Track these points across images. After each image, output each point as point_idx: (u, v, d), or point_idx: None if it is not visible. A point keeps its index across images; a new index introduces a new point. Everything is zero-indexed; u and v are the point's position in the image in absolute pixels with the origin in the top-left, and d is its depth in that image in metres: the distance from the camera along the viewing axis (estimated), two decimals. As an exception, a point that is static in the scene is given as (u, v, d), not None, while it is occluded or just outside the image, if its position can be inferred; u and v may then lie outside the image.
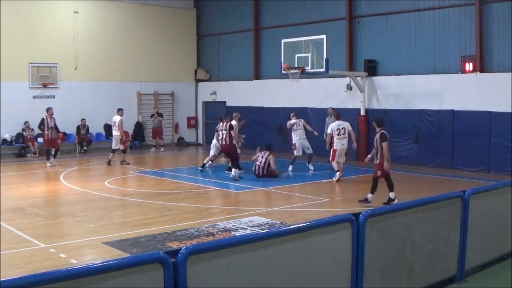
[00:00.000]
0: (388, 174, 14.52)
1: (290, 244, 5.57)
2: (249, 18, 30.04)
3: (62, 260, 9.88)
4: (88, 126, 28.90)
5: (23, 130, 26.89)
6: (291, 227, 6.31)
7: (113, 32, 30.20)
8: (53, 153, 22.89)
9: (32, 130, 26.72)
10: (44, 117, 22.68)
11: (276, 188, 17.32)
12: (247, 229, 11.99)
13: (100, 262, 4.27)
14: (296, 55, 22.53)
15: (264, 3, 29.50)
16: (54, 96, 28.12)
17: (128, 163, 23.28)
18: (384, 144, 14.25)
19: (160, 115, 30.47)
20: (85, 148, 28.47)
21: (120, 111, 23.46)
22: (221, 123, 19.55)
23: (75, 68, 28.78)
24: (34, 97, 27.53)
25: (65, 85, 28.41)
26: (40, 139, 25.77)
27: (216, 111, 31.87)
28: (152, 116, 30.64)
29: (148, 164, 24.85)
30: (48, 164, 22.29)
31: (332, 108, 23.10)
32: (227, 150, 19.55)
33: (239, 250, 5.01)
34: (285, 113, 27.13)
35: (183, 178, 19.98)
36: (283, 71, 22.77)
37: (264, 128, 27.85)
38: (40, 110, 25.38)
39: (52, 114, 22.87)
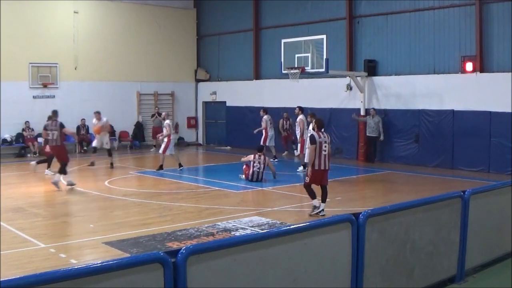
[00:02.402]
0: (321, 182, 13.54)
1: (290, 244, 5.57)
2: (249, 18, 30.04)
3: (62, 260, 9.88)
4: (88, 126, 28.87)
5: (23, 130, 26.89)
6: (291, 227, 6.31)
7: (113, 32, 30.20)
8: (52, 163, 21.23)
9: (32, 130, 26.74)
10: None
11: (276, 188, 17.32)
12: (247, 229, 11.99)
13: (100, 262, 4.27)
14: (296, 55, 22.53)
15: (264, 3, 29.50)
16: (54, 96, 28.13)
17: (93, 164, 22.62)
18: (311, 148, 13.17)
19: (160, 115, 30.38)
20: (85, 148, 28.47)
21: (97, 114, 22.76)
22: (50, 121, 18.12)
23: (75, 68, 28.79)
24: (34, 97, 27.53)
25: (65, 85, 28.41)
26: (40, 139, 25.73)
27: (217, 111, 31.94)
28: (152, 116, 30.64)
29: (148, 164, 24.83)
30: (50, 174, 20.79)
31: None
32: (57, 152, 18.04)
33: (239, 250, 5.01)
34: (285, 113, 27.20)
35: (183, 178, 19.98)
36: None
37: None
38: (40, 110, 25.43)
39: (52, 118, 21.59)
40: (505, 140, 20.05)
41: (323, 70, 21.87)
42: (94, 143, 23.11)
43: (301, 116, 21.09)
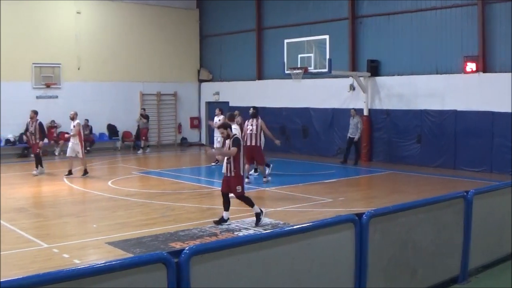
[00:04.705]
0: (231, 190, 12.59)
1: (293, 244, 5.58)
2: (252, 18, 30.06)
3: (65, 260, 9.90)
4: (91, 127, 28.94)
5: (25, 130, 26.90)
6: (294, 227, 6.32)
7: (116, 32, 30.24)
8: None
9: (45, 130, 26.76)
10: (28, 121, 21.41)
11: (279, 189, 17.32)
12: (250, 229, 12.00)
13: (103, 262, 4.28)
14: (299, 55, 22.54)
15: (267, 4, 29.50)
16: (57, 97, 28.20)
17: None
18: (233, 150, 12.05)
19: (146, 117, 30.01)
20: (88, 148, 28.48)
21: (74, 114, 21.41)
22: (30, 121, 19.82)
23: (78, 69, 28.83)
24: (37, 97, 27.57)
25: (68, 85, 28.45)
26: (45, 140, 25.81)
27: (223, 113, 31.90)
28: (139, 117, 30.12)
29: (151, 164, 24.86)
30: (34, 172, 20.65)
31: (355, 109, 23.24)
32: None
33: (242, 250, 5.02)
34: (287, 113, 27.23)
35: (186, 178, 19.99)
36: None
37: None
38: (43, 110, 25.45)
39: (33, 118, 21.10)
40: (507, 140, 20.02)
41: (326, 70, 21.86)
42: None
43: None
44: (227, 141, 12.27)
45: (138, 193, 16.81)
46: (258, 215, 12.44)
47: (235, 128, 15.34)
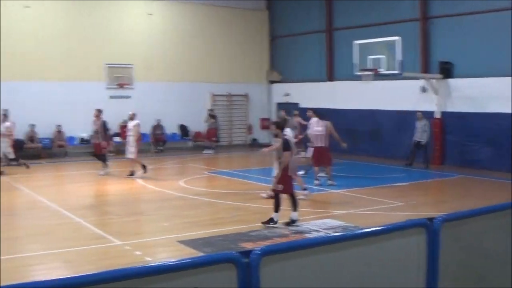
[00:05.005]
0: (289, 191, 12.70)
1: (363, 248, 5.55)
2: (322, 19, 29.94)
3: (137, 257, 10.10)
4: (163, 126, 29.41)
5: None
6: (364, 230, 6.27)
7: (187, 34, 30.65)
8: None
9: (108, 129, 27.32)
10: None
11: (348, 191, 17.19)
12: (320, 231, 11.99)
13: (174, 260, 4.36)
14: (369, 57, 22.35)
15: (337, 4, 29.33)
16: (129, 97, 28.79)
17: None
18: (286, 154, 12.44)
19: (213, 117, 30.16)
20: (160, 147, 28.99)
21: (4, 116, 21.79)
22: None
23: (150, 69, 29.34)
24: (110, 97, 28.23)
25: (140, 85, 29.01)
26: (116, 139, 26.44)
27: (289, 113, 31.88)
28: (206, 117, 30.27)
29: (221, 164, 25.08)
30: (101, 173, 20.90)
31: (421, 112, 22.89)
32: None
33: (312, 252, 5.02)
34: (356, 115, 27.01)
35: (255, 179, 20.06)
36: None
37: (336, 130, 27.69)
38: (116, 110, 26.08)
39: (97, 117, 21.45)
40: None
41: (397, 72, 21.60)
42: None
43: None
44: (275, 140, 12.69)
45: (208, 192, 16.98)
46: (272, 220, 12.36)
47: (289, 131, 15.35)
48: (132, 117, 20.39)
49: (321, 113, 18.91)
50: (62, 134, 27.11)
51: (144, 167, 20.15)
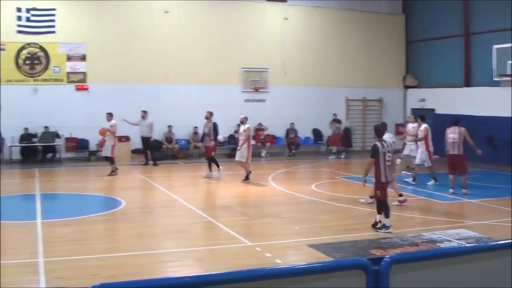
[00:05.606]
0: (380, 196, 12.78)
1: (496, 261, 5.32)
2: (459, 23, 28.97)
3: (268, 259, 10.19)
4: (296, 130, 29.59)
5: (235, 132, 28.07)
6: (499, 242, 6.03)
7: (321, 38, 30.70)
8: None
9: (219, 132, 27.73)
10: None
11: (484, 201, 16.47)
12: (453, 241, 11.62)
13: (303, 264, 4.36)
14: (508, 62, 21.43)
15: (475, 8, 28.25)
16: (264, 100, 29.24)
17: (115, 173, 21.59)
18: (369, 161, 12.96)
19: (338, 121, 29.81)
20: (293, 151, 29.17)
21: (109, 115, 21.77)
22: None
23: (285, 73, 29.62)
24: (245, 100, 28.83)
25: (275, 89, 29.36)
26: (253, 142, 26.91)
27: (425, 119, 31.13)
28: (331, 122, 29.95)
29: (354, 169, 24.85)
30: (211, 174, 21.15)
31: None
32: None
33: (443, 263, 4.88)
34: (496, 122, 25.81)
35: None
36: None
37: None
38: (251, 113, 26.49)
39: (208, 118, 21.59)
40: None
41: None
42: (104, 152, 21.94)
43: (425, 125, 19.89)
44: None
45: (340, 197, 16.87)
46: (384, 226, 12.43)
47: (389, 137, 15.10)
48: (243, 121, 20.37)
49: (457, 119, 18.31)
50: (198, 136, 27.84)
51: (248, 173, 19.99)
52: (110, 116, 21.52)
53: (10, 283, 8.71)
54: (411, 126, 21.04)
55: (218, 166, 21.06)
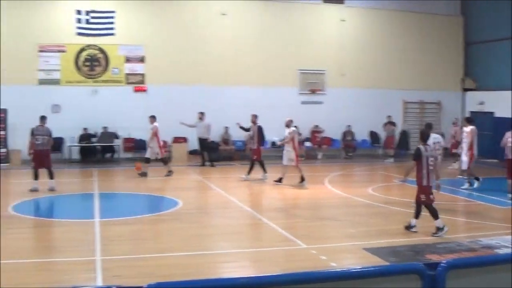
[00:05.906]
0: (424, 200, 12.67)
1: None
2: (521, 24, 28.39)
3: (323, 262, 10.19)
4: (353, 133, 29.43)
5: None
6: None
7: (379, 40, 30.49)
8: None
9: (300, 134, 27.78)
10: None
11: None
12: (510, 247, 11.40)
13: (359, 267, 4.37)
14: None
15: (537, 9, 27.65)
16: (321, 102, 29.22)
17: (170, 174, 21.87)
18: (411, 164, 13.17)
19: (393, 124, 29.43)
20: (350, 154, 29.03)
21: (152, 118, 21.95)
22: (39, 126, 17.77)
23: (342, 75, 29.50)
24: (302, 102, 28.87)
25: (332, 91, 29.29)
26: (307, 144, 26.90)
27: (482, 122, 30.57)
28: (385, 124, 29.66)
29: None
30: (260, 176, 21.11)
31: None
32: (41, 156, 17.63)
33: (501, 270, 4.82)
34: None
35: (447, 190, 19.34)
36: None
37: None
38: (307, 115, 26.59)
39: (253, 122, 21.87)
40: None
41: None
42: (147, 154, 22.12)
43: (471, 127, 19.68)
44: None
45: (397, 201, 16.73)
46: (437, 229, 12.32)
47: (435, 137, 15.69)
48: (288, 124, 20.21)
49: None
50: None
51: (281, 178, 19.82)
52: (152, 119, 21.79)
53: (67, 280, 8.93)
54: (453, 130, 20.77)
55: (264, 170, 21.03)
